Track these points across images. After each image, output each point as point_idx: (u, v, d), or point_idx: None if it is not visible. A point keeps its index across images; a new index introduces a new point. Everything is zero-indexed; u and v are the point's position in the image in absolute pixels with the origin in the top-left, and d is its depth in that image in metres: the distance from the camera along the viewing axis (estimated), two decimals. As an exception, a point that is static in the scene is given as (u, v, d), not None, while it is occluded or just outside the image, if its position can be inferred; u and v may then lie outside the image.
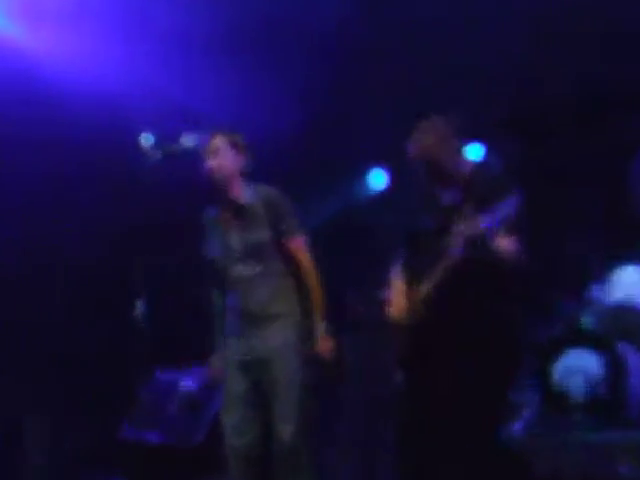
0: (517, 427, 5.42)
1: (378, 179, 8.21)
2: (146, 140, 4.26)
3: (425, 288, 3.93)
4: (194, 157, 4.37)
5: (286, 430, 4.25)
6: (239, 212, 4.43)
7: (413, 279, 4.13)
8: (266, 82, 6.29)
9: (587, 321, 5.70)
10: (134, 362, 4.06)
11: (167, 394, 5.48)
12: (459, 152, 4.09)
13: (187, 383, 5.48)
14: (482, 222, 3.63)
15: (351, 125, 7.16)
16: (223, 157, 4.40)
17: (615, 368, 5.32)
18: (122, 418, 5.32)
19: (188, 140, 4.40)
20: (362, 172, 8.22)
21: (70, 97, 5.96)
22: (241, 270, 4.38)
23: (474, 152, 7.22)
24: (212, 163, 4.39)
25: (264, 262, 4.37)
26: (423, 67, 6.40)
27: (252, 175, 4.48)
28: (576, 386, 5.39)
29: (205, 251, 4.51)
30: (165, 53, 5.96)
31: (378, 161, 8.08)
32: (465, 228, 3.68)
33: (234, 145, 4.46)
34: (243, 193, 4.44)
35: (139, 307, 4.18)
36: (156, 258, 4.23)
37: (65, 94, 5.94)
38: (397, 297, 4.15)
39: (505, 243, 3.79)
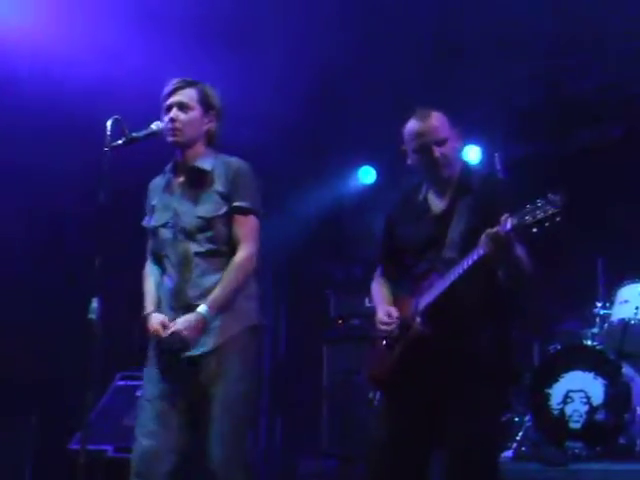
0: (507, 455, 5.22)
1: (367, 175, 8.11)
2: (110, 125, 3.69)
3: (426, 300, 3.54)
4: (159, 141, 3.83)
5: (217, 454, 3.59)
6: (193, 178, 3.80)
7: (401, 289, 3.82)
8: (254, 77, 6.12)
9: (591, 340, 5.43)
10: (91, 367, 3.59)
11: (126, 402, 5.12)
12: (460, 151, 3.80)
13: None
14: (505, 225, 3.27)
15: (341, 121, 7.05)
16: (189, 112, 3.79)
17: (618, 392, 5.03)
18: (76, 427, 4.95)
19: (156, 125, 3.80)
20: (352, 168, 8.09)
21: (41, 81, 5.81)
22: (184, 247, 3.74)
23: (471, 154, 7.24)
24: (173, 116, 3.77)
25: (213, 241, 3.73)
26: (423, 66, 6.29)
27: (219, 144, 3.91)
28: (575, 411, 5.09)
29: (146, 221, 3.91)
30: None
31: (368, 157, 7.98)
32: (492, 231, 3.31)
33: (205, 101, 3.85)
34: (203, 158, 3.83)
35: (95, 306, 3.68)
36: (114, 253, 3.74)
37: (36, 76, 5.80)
38: (385, 308, 3.73)
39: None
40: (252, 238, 3.75)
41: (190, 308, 3.65)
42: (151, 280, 3.85)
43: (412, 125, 3.67)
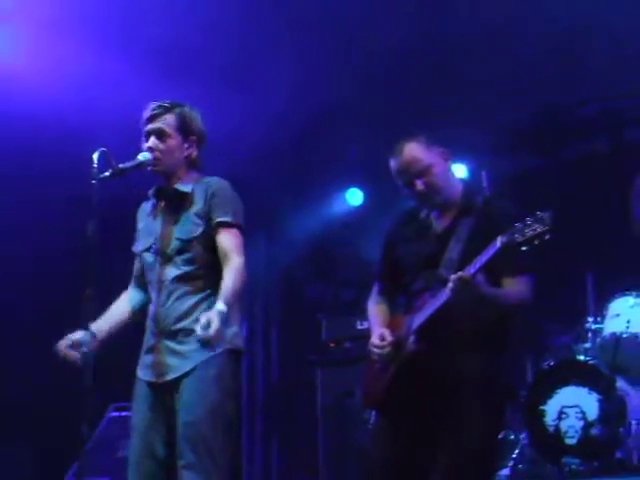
0: (504, 473, 5.21)
1: (354, 197, 8.09)
2: (97, 157, 3.64)
3: (420, 320, 3.53)
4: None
5: None
6: (174, 201, 3.75)
7: (398, 306, 3.83)
8: (244, 102, 6.11)
9: (583, 355, 5.41)
10: (85, 398, 3.56)
11: (121, 433, 5.07)
12: (448, 171, 3.75)
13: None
14: (475, 263, 3.31)
15: (330, 143, 7.03)
16: (167, 140, 3.72)
17: (613, 407, 5.03)
18: (71, 460, 4.91)
19: (143, 156, 3.73)
20: (338, 190, 8.08)
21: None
22: (164, 271, 3.68)
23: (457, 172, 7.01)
24: (152, 145, 3.71)
25: (192, 263, 3.67)
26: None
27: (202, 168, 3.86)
28: (570, 427, 5.09)
29: (134, 246, 3.88)
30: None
31: (355, 179, 7.96)
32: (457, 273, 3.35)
33: (184, 128, 3.76)
34: (183, 182, 3.76)
35: (87, 339, 3.65)
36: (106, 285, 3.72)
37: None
38: (379, 331, 3.72)
39: (512, 286, 3.51)
40: (240, 251, 3.67)
41: (170, 333, 3.62)
42: (119, 301, 3.87)
43: (392, 163, 3.68)
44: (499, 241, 3.23)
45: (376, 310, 3.93)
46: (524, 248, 3.17)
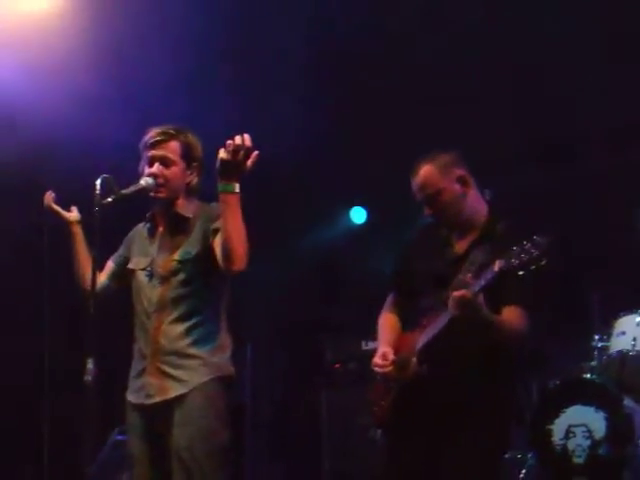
0: None
1: (358, 216, 8.11)
2: (100, 184, 3.62)
3: (423, 340, 3.50)
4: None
5: None
6: (173, 226, 3.74)
7: (407, 326, 3.81)
8: (246, 117, 5.94)
9: (590, 374, 5.34)
10: (88, 424, 3.53)
11: (124, 457, 5.01)
12: (463, 196, 3.69)
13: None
14: (474, 285, 3.31)
15: (332, 162, 7.03)
16: (171, 167, 3.71)
17: (620, 425, 4.94)
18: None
19: (145, 181, 3.69)
20: (343, 208, 8.08)
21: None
22: (158, 292, 3.65)
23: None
24: (157, 171, 3.68)
25: (186, 284, 3.64)
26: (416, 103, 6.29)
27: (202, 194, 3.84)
28: (578, 446, 5.01)
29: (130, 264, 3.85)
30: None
31: (359, 198, 7.97)
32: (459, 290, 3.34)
33: (187, 155, 3.75)
34: (183, 207, 3.75)
35: (90, 368, 3.62)
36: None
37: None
38: (382, 350, 3.70)
39: (511, 317, 3.47)
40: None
41: (163, 356, 3.60)
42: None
43: (412, 182, 3.69)
44: (496, 266, 3.21)
45: (386, 322, 3.92)
46: (521, 273, 3.16)
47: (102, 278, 3.92)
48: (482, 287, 3.27)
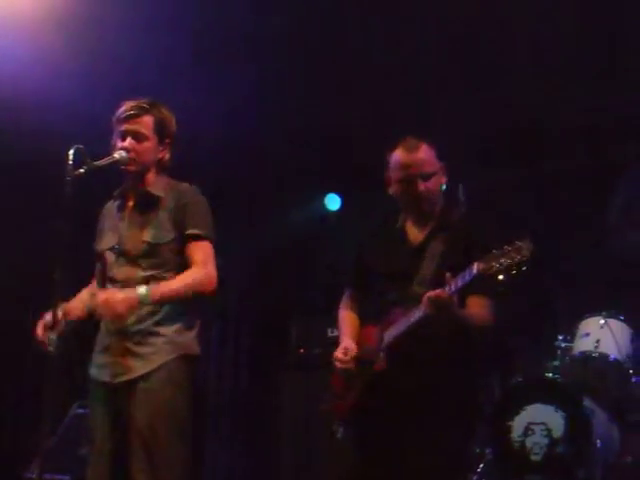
0: None
1: (332, 203, 8.07)
2: (73, 155, 3.59)
3: (392, 334, 3.48)
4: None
5: None
6: (143, 203, 3.74)
7: (367, 320, 3.80)
8: (222, 99, 6.07)
9: (552, 373, 5.35)
10: (47, 398, 3.51)
11: (84, 431, 4.99)
12: (442, 185, 3.72)
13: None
14: (451, 285, 3.30)
15: (306, 148, 6.98)
16: (144, 142, 3.70)
17: (578, 425, 4.96)
18: (31, 456, 4.84)
19: (119, 154, 3.69)
20: (317, 195, 8.03)
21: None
22: (127, 271, 3.67)
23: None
24: (128, 145, 3.68)
25: (157, 267, 3.64)
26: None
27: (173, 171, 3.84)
28: (535, 444, 5.02)
29: (95, 243, 3.86)
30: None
31: (333, 185, 7.93)
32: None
33: (160, 130, 3.74)
34: (154, 184, 3.76)
35: (54, 339, 3.60)
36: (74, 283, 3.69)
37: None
38: (344, 344, 3.69)
39: (478, 309, 3.51)
40: (210, 262, 3.67)
41: (128, 334, 3.61)
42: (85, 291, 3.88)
43: (399, 155, 3.60)
44: (475, 268, 3.20)
45: (345, 317, 3.91)
46: (501, 277, 3.16)
47: None
48: (459, 288, 3.27)
